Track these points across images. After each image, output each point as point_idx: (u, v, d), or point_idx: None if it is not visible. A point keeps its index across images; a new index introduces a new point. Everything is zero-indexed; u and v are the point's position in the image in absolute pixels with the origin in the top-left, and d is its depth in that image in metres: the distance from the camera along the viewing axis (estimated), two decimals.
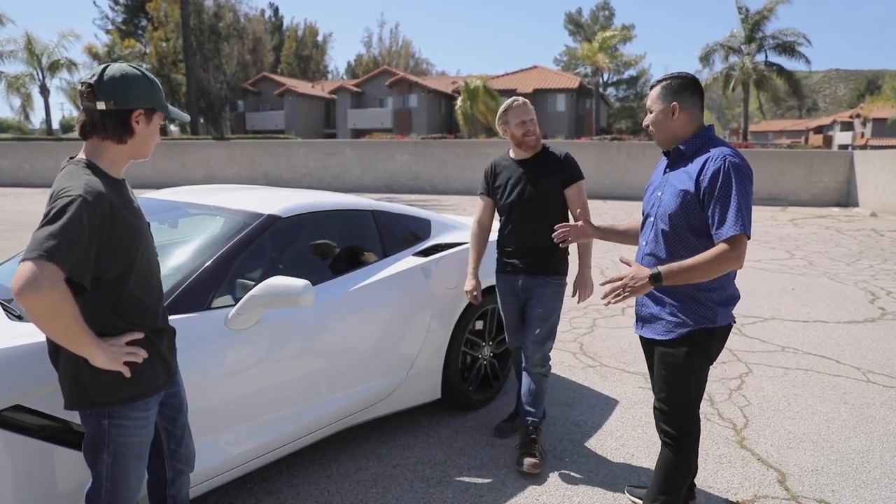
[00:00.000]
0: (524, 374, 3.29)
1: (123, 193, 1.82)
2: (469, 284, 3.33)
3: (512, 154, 3.31)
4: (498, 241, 3.35)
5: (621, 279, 2.23)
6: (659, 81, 2.39)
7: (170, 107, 1.90)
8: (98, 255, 1.66)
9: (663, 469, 2.45)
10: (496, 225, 3.42)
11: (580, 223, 2.74)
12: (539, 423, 3.22)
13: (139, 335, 1.80)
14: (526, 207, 3.19)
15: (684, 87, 2.32)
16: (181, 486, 2.13)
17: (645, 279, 2.19)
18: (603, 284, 2.33)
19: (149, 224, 1.97)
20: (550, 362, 3.29)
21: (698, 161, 2.26)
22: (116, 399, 1.77)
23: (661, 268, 2.19)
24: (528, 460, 3.03)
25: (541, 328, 3.19)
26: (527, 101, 3.24)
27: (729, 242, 2.15)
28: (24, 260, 1.54)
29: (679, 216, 2.28)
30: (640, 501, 2.74)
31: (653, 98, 2.38)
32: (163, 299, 1.98)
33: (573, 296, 3.35)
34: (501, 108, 3.25)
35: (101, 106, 1.73)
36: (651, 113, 2.40)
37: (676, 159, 2.38)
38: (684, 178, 2.28)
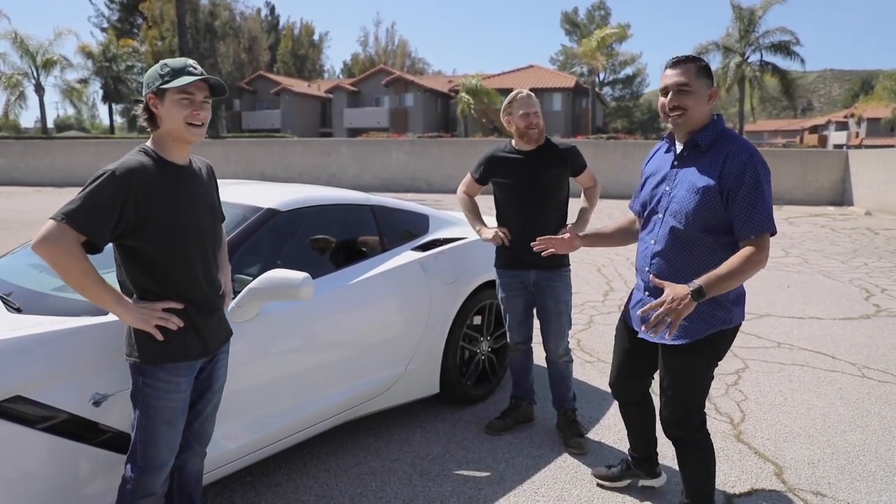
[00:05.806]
0: (549, 364, 3.36)
1: (177, 177, 1.95)
2: (489, 232, 3.23)
3: (515, 145, 3.28)
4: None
5: (661, 304, 1.99)
6: (692, 59, 2.16)
7: (176, 80, 1.86)
8: (133, 226, 1.84)
9: (697, 471, 2.40)
10: (490, 221, 3.43)
11: (567, 235, 2.62)
12: (574, 404, 3.40)
13: (178, 305, 1.94)
14: (532, 200, 3.18)
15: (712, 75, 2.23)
16: (188, 459, 2.16)
17: (687, 297, 1.95)
18: (642, 313, 2.16)
19: (212, 206, 2.09)
20: (570, 347, 3.39)
21: (717, 155, 2.15)
22: (147, 357, 1.92)
23: (699, 281, 1.98)
24: (578, 440, 3.24)
25: (560, 321, 3.27)
26: (531, 93, 3.23)
27: (755, 243, 2.07)
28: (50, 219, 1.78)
29: (697, 215, 2.14)
30: (605, 482, 2.84)
31: (691, 75, 2.12)
32: (212, 273, 2.08)
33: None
34: (506, 100, 3.26)
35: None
36: (687, 90, 2.12)
37: (690, 151, 2.22)
38: (704, 175, 2.14)
